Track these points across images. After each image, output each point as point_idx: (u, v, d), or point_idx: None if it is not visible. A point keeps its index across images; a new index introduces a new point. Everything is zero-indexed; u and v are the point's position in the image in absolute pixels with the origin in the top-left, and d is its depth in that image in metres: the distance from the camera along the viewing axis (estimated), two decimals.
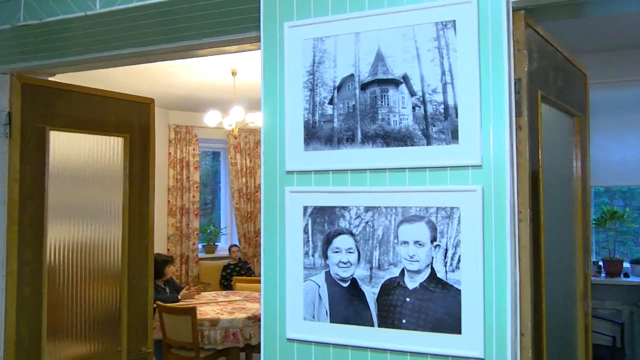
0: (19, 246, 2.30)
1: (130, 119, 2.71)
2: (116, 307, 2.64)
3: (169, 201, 7.32)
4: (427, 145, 1.29)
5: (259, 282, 5.83)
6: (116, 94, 2.68)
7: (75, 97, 2.52)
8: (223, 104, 6.22)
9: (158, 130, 2.86)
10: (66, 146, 2.48)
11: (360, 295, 1.34)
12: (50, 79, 2.51)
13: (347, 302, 1.36)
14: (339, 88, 1.39)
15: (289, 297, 1.41)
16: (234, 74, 5.32)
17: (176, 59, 2.28)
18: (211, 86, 5.88)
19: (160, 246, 6.86)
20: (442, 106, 1.29)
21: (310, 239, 1.40)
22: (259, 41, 1.76)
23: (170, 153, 7.34)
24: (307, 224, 1.40)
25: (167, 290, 5.28)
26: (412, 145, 1.31)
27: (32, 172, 2.35)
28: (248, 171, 7.92)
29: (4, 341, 2.26)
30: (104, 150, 2.62)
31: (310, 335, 1.39)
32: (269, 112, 1.45)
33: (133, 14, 1.71)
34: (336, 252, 1.37)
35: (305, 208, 1.40)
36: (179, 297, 5.23)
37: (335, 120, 1.39)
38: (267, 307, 1.43)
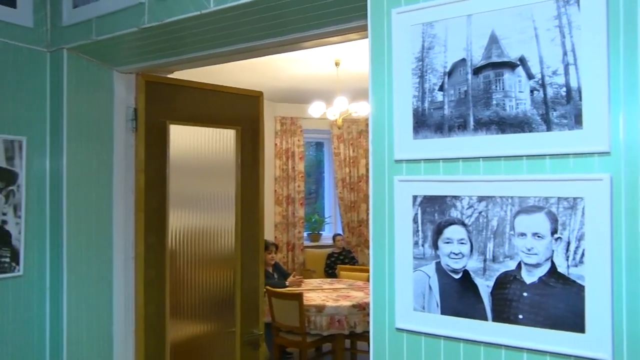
0: (145, 231, 2.51)
1: (242, 111, 2.84)
2: (230, 290, 2.79)
3: (275, 190, 7.59)
4: (547, 131, 1.21)
5: (363, 271, 5.91)
6: (228, 88, 2.82)
7: (191, 93, 2.69)
8: (326, 95, 6.30)
9: (265, 122, 2.96)
10: (184, 139, 2.66)
11: (473, 287, 1.30)
12: (169, 76, 2.69)
13: (458, 295, 1.32)
14: (449, 74, 1.34)
15: (398, 287, 1.40)
16: (337, 64, 5.36)
17: (283, 52, 2.34)
18: (315, 77, 5.98)
19: (267, 234, 7.14)
20: (564, 89, 1.20)
21: (420, 228, 1.37)
22: (365, 30, 1.75)
23: (276, 144, 7.60)
24: (416, 214, 1.38)
25: (275, 276, 5.49)
26: (530, 132, 1.23)
27: (155, 163, 2.55)
28: (351, 161, 7.97)
29: (135, 317, 2.49)
30: (217, 142, 2.77)
31: (420, 326, 1.37)
32: (377, 101, 1.44)
33: (243, 10, 1.77)
34: (447, 242, 1.33)
35: (415, 197, 1.38)
36: (287, 283, 5.42)
37: (446, 107, 1.34)
38: (376, 296, 1.44)
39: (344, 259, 7.06)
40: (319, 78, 5.98)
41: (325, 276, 7.00)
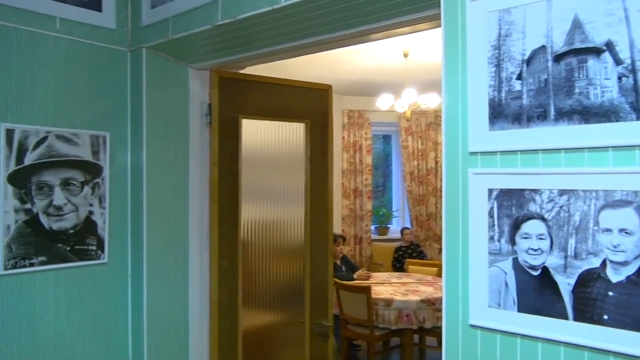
0: (218, 222, 2.60)
1: (311, 105, 2.86)
2: (300, 281, 2.83)
3: (343, 184, 7.61)
4: (637, 120, 1.13)
5: (432, 265, 5.80)
6: (298, 82, 2.85)
7: (262, 87, 2.74)
8: (394, 87, 6.22)
9: (333, 115, 2.97)
10: (255, 132, 2.72)
11: (553, 285, 1.24)
12: (240, 71, 2.76)
13: (537, 292, 1.27)
14: (528, 62, 1.28)
15: (472, 283, 1.36)
16: (405, 55, 5.28)
17: (352, 45, 2.33)
18: (383, 69, 5.92)
19: (335, 227, 7.15)
20: None
21: (495, 223, 1.33)
22: (436, 19, 1.71)
23: (343, 137, 7.61)
24: (492, 208, 1.33)
25: (343, 269, 5.52)
26: (617, 121, 1.16)
27: (228, 156, 2.63)
28: (420, 154, 7.84)
29: (210, 304, 2.58)
30: (287, 135, 2.81)
31: (496, 324, 1.33)
32: (450, 92, 1.41)
33: (314, 4, 1.78)
34: (525, 238, 1.28)
35: (491, 191, 1.34)
36: (355, 276, 5.43)
37: (524, 96, 1.29)
38: (449, 291, 1.41)
39: (412, 253, 6.97)
40: (387, 70, 5.92)
41: (393, 270, 6.95)
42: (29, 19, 2.14)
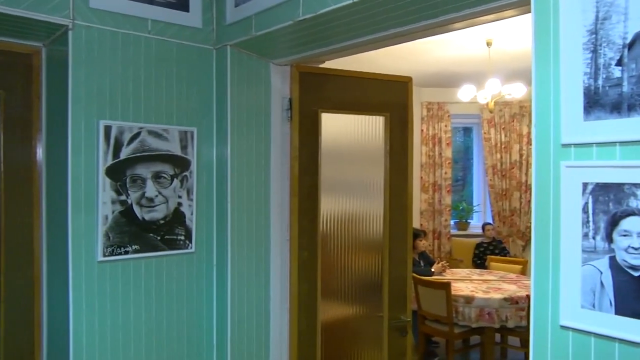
0: (298, 215, 2.64)
1: (390, 98, 2.83)
2: (378, 276, 2.82)
3: (421, 177, 7.48)
4: None
5: (515, 263, 5.54)
6: (377, 75, 2.82)
7: (341, 81, 2.75)
8: (476, 78, 6.01)
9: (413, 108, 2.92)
10: (334, 126, 2.73)
11: None
12: (320, 66, 2.78)
13: (638, 294, 1.18)
14: (630, 46, 1.19)
15: (563, 282, 1.29)
16: (488, 44, 5.09)
17: (433, 35, 2.27)
18: (464, 60, 5.74)
19: (413, 221, 7.07)
20: None
21: (590, 219, 1.25)
22: (524, 5, 1.63)
23: (422, 130, 7.47)
24: (586, 203, 1.25)
25: (422, 264, 5.43)
26: None
27: (307, 150, 2.66)
28: (503, 146, 7.53)
29: (290, 295, 2.64)
30: (366, 129, 2.80)
31: (590, 326, 1.25)
32: (541, 81, 1.34)
33: None
34: (624, 235, 1.20)
35: (585, 185, 1.26)
36: (432, 270, 5.34)
37: (625, 83, 1.20)
38: (538, 289, 1.34)
39: (494, 250, 6.73)
40: (468, 60, 5.72)
41: (473, 266, 6.74)
42: (124, 22, 2.27)
